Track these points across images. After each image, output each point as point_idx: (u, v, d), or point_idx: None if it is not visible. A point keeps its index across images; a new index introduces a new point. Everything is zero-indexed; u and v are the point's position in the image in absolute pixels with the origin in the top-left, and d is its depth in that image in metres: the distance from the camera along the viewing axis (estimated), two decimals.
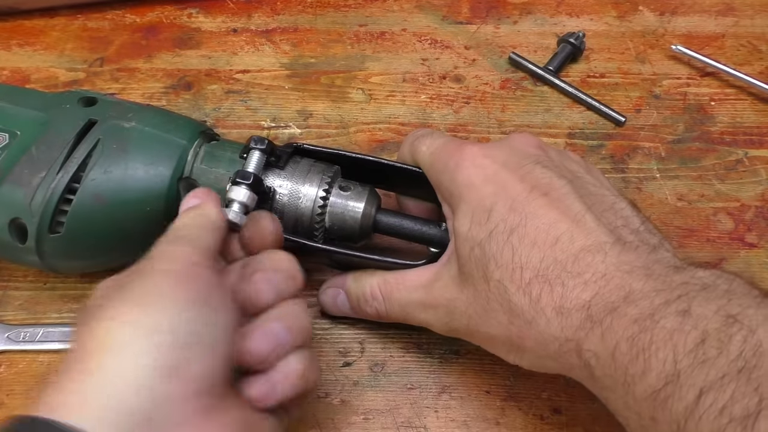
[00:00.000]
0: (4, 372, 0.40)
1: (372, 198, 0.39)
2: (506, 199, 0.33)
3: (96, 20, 0.58)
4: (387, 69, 0.55)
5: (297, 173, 0.38)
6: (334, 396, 0.39)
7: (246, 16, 0.59)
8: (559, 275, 0.30)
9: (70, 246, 0.37)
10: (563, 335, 0.29)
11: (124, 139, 0.38)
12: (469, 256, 0.33)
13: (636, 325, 0.27)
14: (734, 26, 0.58)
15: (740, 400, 0.23)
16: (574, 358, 0.29)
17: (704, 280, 0.28)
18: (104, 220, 0.37)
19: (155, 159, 0.38)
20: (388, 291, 0.37)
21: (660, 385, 0.25)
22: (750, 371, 0.23)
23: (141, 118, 0.39)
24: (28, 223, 0.36)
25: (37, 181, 0.36)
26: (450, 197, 0.36)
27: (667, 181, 0.48)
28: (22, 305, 0.43)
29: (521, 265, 0.31)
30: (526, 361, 0.33)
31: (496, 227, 0.32)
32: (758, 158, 0.50)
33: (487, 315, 0.32)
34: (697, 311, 0.26)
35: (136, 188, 0.37)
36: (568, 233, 0.31)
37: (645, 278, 0.28)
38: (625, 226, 0.32)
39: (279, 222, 0.35)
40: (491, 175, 0.34)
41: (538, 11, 0.59)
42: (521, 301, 0.31)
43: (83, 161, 0.37)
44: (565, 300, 0.29)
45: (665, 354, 0.25)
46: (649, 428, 0.26)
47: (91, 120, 0.38)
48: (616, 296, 0.28)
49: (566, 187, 0.33)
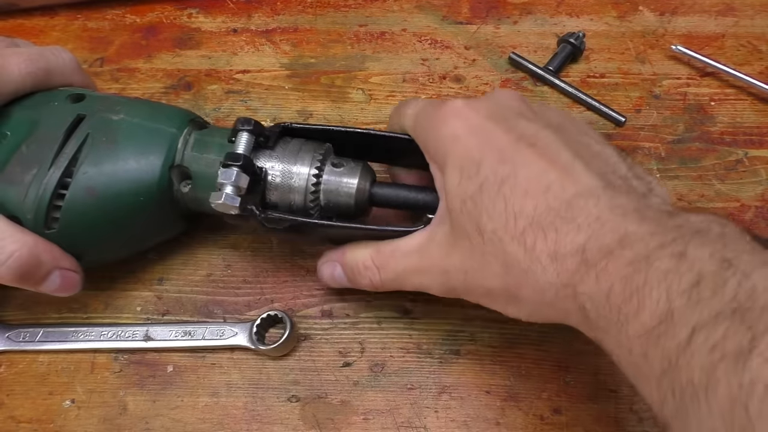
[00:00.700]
0: (4, 372, 0.41)
1: (366, 172, 0.39)
2: (494, 150, 0.33)
3: (96, 20, 0.58)
4: (387, 69, 0.55)
5: (288, 153, 0.38)
6: (334, 396, 0.39)
7: (246, 16, 0.59)
8: (552, 221, 0.30)
9: (66, 241, 0.38)
10: (559, 281, 0.30)
11: (113, 132, 0.38)
12: (461, 210, 0.33)
13: (631, 267, 0.27)
14: (734, 26, 0.58)
15: (732, 337, 0.23)
16: (570, 303, 0.30)
17: (698, 225, 0.28)
18: (98, 213, 0.37)
19: (145, 149, 0.38)
20: (381, 260, 0.37)
21: (653, 324, 0.26)
22: (744, 312, 0.23)
23: (129, 110, 0.39)
24: (23, 220, 0.37)
25: (29, 179, 0.36)
26: (436, 153, 0.36)
27: (667, 181, 0.48)
28: (22, 305, 0.43)
29: (514, 214, 0.31)
30: (525, 311, 0.33)
31: (486, 179, 0.32)
32: (758, 158, 0.50)
33: (483, 268, 0.33)
34: (693, 254, 0.26)
35: (127, 179, 0.37)
36: (559, 181, 0.31)
37: (639, 221, 0.29)
38: (613, 173, 0.32)
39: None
40: (476, 126, 0.34)
41: (538, 11, 0.59)
42: (516, 251, 0.31)
43: (74, 156, 0.37)
44: (559, 245, 0.30)
45: (659, 294, 0.26)
46: (641, 365, 0.26)
47: (79, 115, 0.38)
48: (611, 239, 0.28)
49: (552, 137, 0.33)
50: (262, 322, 0.41)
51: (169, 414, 0.39)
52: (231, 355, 0.41)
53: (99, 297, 0.43)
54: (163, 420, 0.39)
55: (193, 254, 0.45)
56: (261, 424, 0.39)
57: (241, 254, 0.45)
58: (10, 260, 0.35)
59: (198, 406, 0.39)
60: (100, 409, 0.39)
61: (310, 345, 0.41)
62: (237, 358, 0.41)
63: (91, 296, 0.43)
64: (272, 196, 0.38)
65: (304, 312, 0.43)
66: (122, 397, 0.40)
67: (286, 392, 0.40)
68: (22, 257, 0.36)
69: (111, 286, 0.44)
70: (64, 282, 0.38)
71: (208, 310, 0.43)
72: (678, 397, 0.24)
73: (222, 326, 0.41)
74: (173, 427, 0.39)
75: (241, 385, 0.40)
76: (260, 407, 0.39)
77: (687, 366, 0.24)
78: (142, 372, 0.40)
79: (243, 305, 0.43)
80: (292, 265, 0.44)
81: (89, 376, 0.40)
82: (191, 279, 0.44)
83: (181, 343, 0.41)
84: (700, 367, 0.24)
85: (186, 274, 0.44)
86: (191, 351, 0.41)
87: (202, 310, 0.43)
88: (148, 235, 0.42)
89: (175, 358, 0.41)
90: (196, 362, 0.41)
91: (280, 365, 0.41)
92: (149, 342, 0.41)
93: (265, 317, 0.41)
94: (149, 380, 0.40)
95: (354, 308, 0.43)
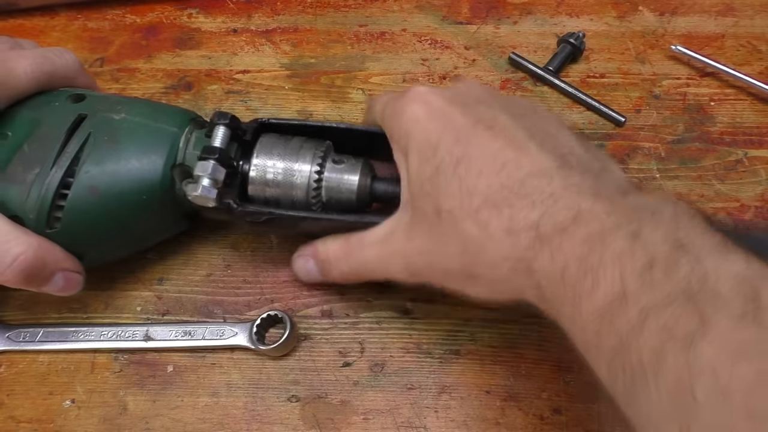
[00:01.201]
0: (4, 372, 0.41)
1: (366, 169, 0.39)
2: (451, 132, 0.33)
3: (96, 20, 0.58)
4: (387, 69, 0.55)
5: (289, 151, 0.38)
6: (334, 396, 0.39)
7: (246, 17, 0.59)
8: (506, 198, 0.30)
9: (69, 240, 0.38)
10: (513, 255, 0.30)
11: (115, 131, 0.38)
12: (421, 193, 0.34)
13: (585, 246, 0.27)
14: (734, 26, 0.58)
15: (682, 321, 0.23)
16: (524, 278, 0.30)
17: (652, 205, 0.28)
18: (100, 212, 0.37)
19: (147, 148, 0.38)
20: (349, 251, 0.38)
21: (606, 304, 0.26)
22: (695, 296, 0.24)
23: (130, 109, 0.39)
24: (26, 220, 0.37)
25: (31, 178, 0.36)
26: (399, 140, 0.36)
27: (667, 182, 0.48)
28: (22, 305, 0.43)
29: (469, 193, 0.31)
30: (483, 290, 0.33)
31: (442, 160, 0.33)
32: (758, 158, 0.50)
33: (442, 249, 0.33)
34: (647, 235, 0.26)
35: (130, 178, 0.37)
36: (514, 160, 0.31)
37: (594, 199, 0.29)
38: (570, 153, 0.33)
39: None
40: (436, 110, 0.34)
41: (538, 11, 0.59)
42: (471, 229, 0.31)
43: (76, 155, 0.37)
44: (513, 221, 0.30)
45: (613, 274, 0.26)
46: (594, 343, 0.27)
47: (80, 115, 0.38)
48: (565, 216, 0.29)
49: (510, 121, 0.33)
50: (262, 322, 0.41)
51: (169, 414, 0.39)
52: (231, 355, 0.41)
53: (99, 297, 0.43)
54: (163, 420, 0.39)
55: (193, 254, 0.45)
56: (261, 424, 0.39)
57: (241, 254, 0.45)
58: (15, 263, 0.35)
59: (198, 406, 0.39)
60: (100, 409, 0.39)
61: (310, 345, 0.41)
62: (237, 358, 0.41)
63: (91, 296, 0.43)
64: (274, 193, 0.38)
65: (304, 312, 0.43)
66: (122, 397, 0.40)
67: (286, 392, 0.40)
68: (28, 260, 0.36)
69: (111, 286, 0.44)
70: (67, 283, 0.38)
71: (208, 310, 0.43)
72: (629, 377, 0.25)
73: (222, 326, 0.41)
74: (173, 427, 0.39)
75: (241, 385, 0.40)
76: (260, 407, 0.39)
77: (637, 347, 0.24)
78: (142, 372, 0.40)
79: (243, 305, 0.43)
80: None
81: (89, 376, 0.40)
82: (191, 279, 0.44)
83: (181, 343, 0.41)
84: (650, 348, 0.24)
85: (186, 274, 0.44)
86: (191, 351, 0.41)
87: (202, 310, 0.43)
88: (150, 234, 0.42)
89: (175, 358, 0.41)
90: (196, 362, 0.41)
91: (280, 365, 0.41)
92: (149, 342, 0.41)
93: (265, 317, 0.41)
94: (149, 380, 0.40)
95: (354, 308, 0.43)
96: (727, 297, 0.23)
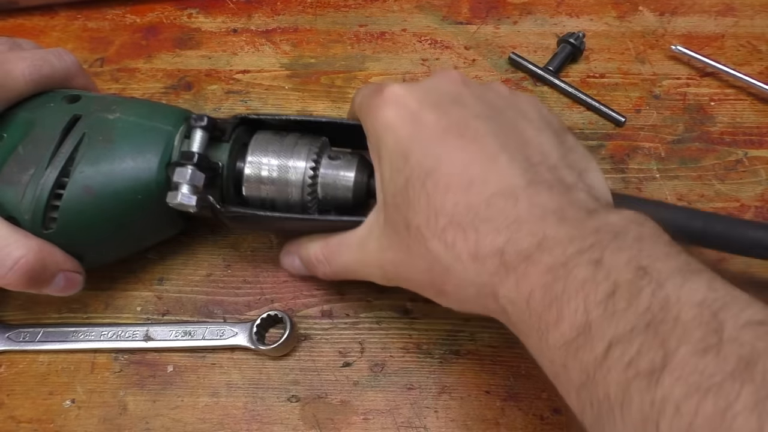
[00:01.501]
0: (4, 372, 0.41)
1: (363, 165, 0.39)
2: (421, 141, 0.32)
3: (96, 20, 0.58)
4: (387, 69, 0.55)
5: (284, 148, 0.38)
6: (334, 396, 0.39)
7: (246, 17, 0.59)
8: (472, 221, 0.30)
9: (65, 241, 0.38)
10: (479, 280, 0.30)
11: (109, 131, 0.38)
12: (392, 203, 0.33)
13: (550, 274, 0.27)
14: (734, 26, 0.58)
15: (646, 353, 0.23)
16: (491, 302, 0.30)
17: (617, 226, 0.28)
18: (96, 212, 0.37)
19: (142, 147, 0.38)
20: (329, 253, 0.38)
21: (572, 336, 0.26)
22: (657, 326, 0.24)
23: (125, 109, 0.39)
24: (21, 221, 0.37)
25: (26, 179, 0.36)
26: (373, 142, 0.35)
27: (667, 182, 0.48)
28: (22, 305, 0.43)
29: (435, 211, 0.31)
30: (453, 303, 0.33)
31: (412, 172, 0.32)
32: (758, 158, 0.50)
33: (411, 263, 0.33)
34: (609, 261, 0.26)
35: (125, 177, 0.37)
36: (482, 176, 0.31)
37: (558, 223, 0.28)
38: (542, 163, 0.32)
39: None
40: (408, 115, 0.34)
41: (538, 11, 0.59)
42: (437, 248, 0.31)
43: (71, 155, 0.37)
44: (479, 246, 0.29)
45: (577, 304, 0.26)
46: (561, 374, 0.27)
47: (75, 115, 0.38)
48: (529, 243, 0.28)
49: (483, 126, 0.32)
50: (262, 322, 0.41)
51: (169, 414, 0.39)
52: (231, 355, 0.41)
53: (99, 297, 0.43)
54: (163, 420, 0.39)
55: (193, 254, 0.45)
56: (261, 424, 0.39)
57: (241, 254, 0.45)
58: (16, 266, 0.35)
59: (198, 406, 0.39)
60: (100, 409, 0.39)
61: (310, 345, 0.41)
62: (237, 358, 0.41)
63: (91, 296, 0.43)
64: (269, 191, 0.38)
65: (304, 312, 0.43)
66: (122, 397, 0.40)
67: (286, 392, 0.40)
68: (29, 262, 0.36)
69: (111, 286, 0.44)
70: (68, 283, 0.38)
71: (208, 310, 0.43)
72: (596, 409, 0.25)
73: (222, 326, 0.41)
74: (173, 427, 0.39)
75: (241, 385, 0.40)
76: (260, 407, 0.39)
77: (603, 381, 0.24)
78: (142, 372, 0.40)
79: (243, 305, 0.43)
80: None
81: (89, 376, 0.40)
82: (191, 279, 0.44)
83: (181, 343, 0.41)
84: (615, 382, 0.24)
85: (186, 274, 0.44)
86: (191, 351, 0.41)
87: (202, 310, 0.43)
88: (146, 234, 0.42)
89: (175, 358, 0.41)
90: (196, 362, 0.41)
91: (280, 365, 0.41)
92: (149, 342, 0.41)
93: (265, 317, 0.41)
94: (149, 380, 0.40)
95: (354, 308, 0.43)
96: (689, 327, 0.23)
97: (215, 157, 0.38)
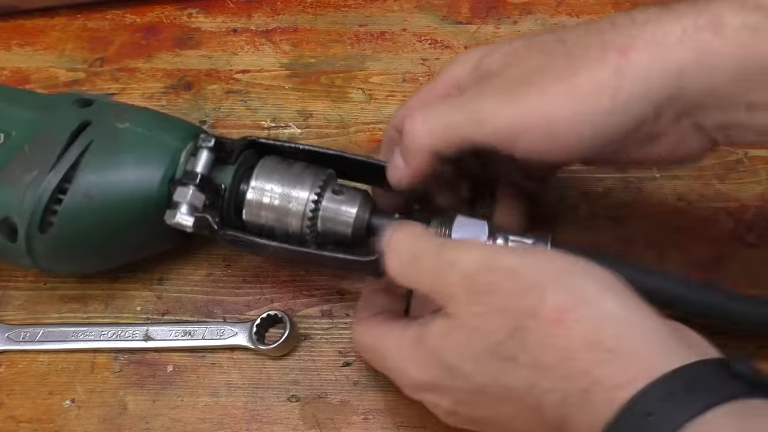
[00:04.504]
0: (4, 372, 0.41)
1: (365, 202, 0.38)
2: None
3: (96, 20, 0.58)
4: (387, 69, 0.55)
5: (289, 177, 0.38)
6: (334, 396, 0.39)
7: (246, 16, 0.59)
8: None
9: (61, 245, 0.37)
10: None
11: (117, 140, 0.38)
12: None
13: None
14: None
15: None
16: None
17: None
18: (94, 220, 0.37)
19: (146, 160, 0.38)
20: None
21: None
22: None
23: (135, 119, 0.39)
24: (19, 222, 0.37)
25: (28, 180, 0.36)
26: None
27: (667, 181, 0.48)
28: (22, 305, 0.43)
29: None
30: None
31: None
32: (758, 158, 0.50)
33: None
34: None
35: (126, 188, 0.37)
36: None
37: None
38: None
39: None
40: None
41: (538, 11, 0.59)
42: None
43: (75, 161, 0.37)
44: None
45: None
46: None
47: (85, 121, 0.38)
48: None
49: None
50: (262, 321, 0.41)
51: (169, 414, 0.39)
52: (231, 354, 0.41)
53: (99, 297, 0.43)
54: (163, 420, 0.39)
55: (193, 254, 0.45)
56: (261, 423, 0.39)
57: (241, 254, 0.45)
58: None
59: (198, 406, 0.39)
60: (100, 409, 0.39)
61: (310, 345, 0.41)
62: (237, 358, 0.41)
63: (91, 296, 0.43)
64: (269, 218, 0.38)
65: (304, 312, 0.43)
66: (122, 396, 0.40)
67: (286, 392, 0.40)
68: None
69: (111, 286, 0.44)
70: None
71: (208, 309, 0.43)
72: None
73: (222, 326, 0.41)
74: (173, 427, 0.39)
75: (241, 384, 0.40)
76: (260, 407, 0.39)
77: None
78: (142, 372, 0.40)
79: (243, 305, 0.43)
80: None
81: (89, 376, 0.40)
82: (191, 279, 0.44)
83: (181, 342, 0.41)
84: None
85: (186, 274, 0.44)
86: (191, 351, 0.41)
87: (202, 309, 0.43)
88: (143, 246, 0.42)
89: (175, 357, 0.41)
90: (196, 362, 0.41)
91: (280, 365, 0.41)
92: (149, 342, 0.41)
93: (265, 317, 0.41)
94: (149, 380, 0.40)
95: (354, 308, 0.42)
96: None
97: (219, 178, 0.38)
